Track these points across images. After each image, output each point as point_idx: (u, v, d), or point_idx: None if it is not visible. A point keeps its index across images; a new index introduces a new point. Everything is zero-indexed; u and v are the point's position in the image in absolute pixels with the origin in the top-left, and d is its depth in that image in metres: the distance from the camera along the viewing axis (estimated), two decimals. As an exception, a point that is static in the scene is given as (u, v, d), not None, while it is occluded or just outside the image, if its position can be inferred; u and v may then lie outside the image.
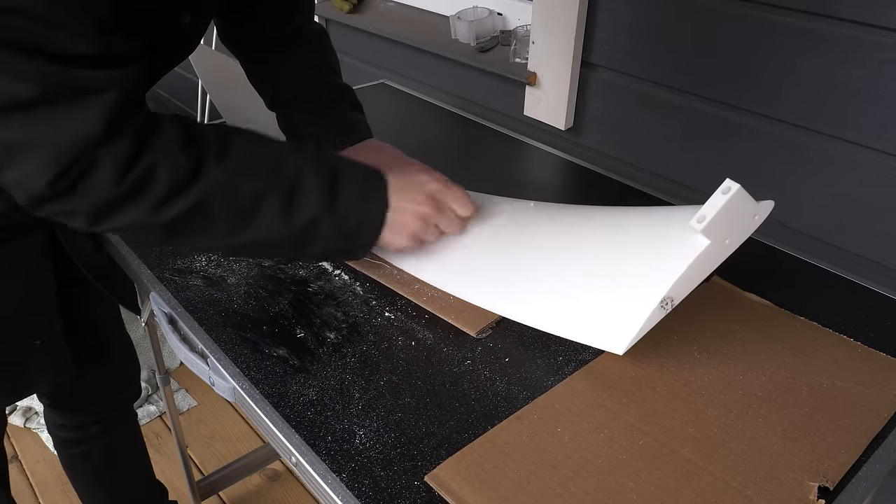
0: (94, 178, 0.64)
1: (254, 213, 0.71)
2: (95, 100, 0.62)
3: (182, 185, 0.67)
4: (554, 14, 1.26)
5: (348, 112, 1.03)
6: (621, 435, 0.65)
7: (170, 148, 0.67)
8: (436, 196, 0.80)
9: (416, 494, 0.60)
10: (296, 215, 0.72)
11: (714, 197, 0.67)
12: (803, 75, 1.01)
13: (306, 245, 0.75)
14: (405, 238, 0.79)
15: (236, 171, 0.70)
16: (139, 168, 0.65)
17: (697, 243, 0.68)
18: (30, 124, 0.61)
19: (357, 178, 0.76)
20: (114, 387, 1.24)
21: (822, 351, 0.75)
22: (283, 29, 1.02)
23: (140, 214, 0.67)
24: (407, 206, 0.78)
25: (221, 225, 0.71)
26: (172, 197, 0.67)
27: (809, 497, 0.59)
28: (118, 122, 0.64)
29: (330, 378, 0.72)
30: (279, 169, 0.72)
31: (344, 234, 0.76)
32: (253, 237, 0.72)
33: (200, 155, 0.68)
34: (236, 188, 0.70)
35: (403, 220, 0.78)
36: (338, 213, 0.74)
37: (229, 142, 0.71)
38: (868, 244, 1.02)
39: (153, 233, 0.71)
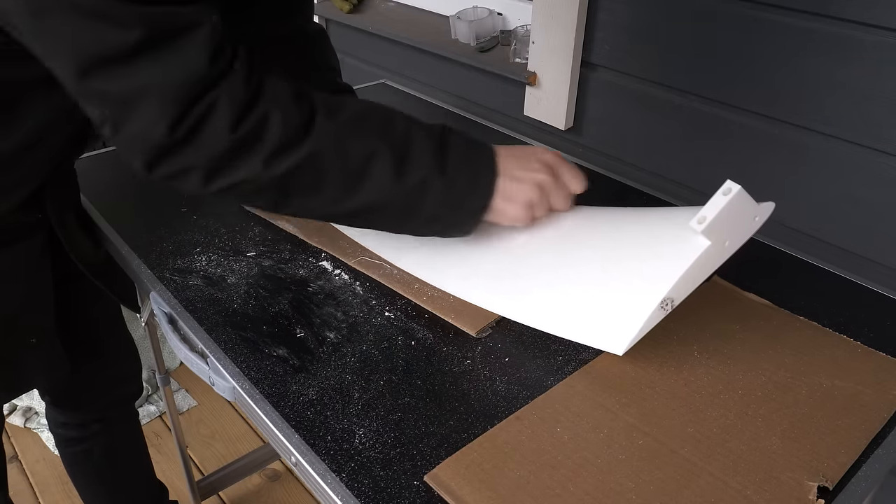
0: (213, 123, 0.64)
1: (365, 172, 0.70)
2: (194, 35, 0.63)
3: (294, 137, 0.67)
4: (554, 14, 1.26)
5: None
6: (621, 435, 0.65)
7: (283, 98, 0.67)
8: (552, 165, 0.77)
9: (415, 494, 0.60)
10: (407, 175, 0.70)
11: (715, 198, 0.67)
12: (803, 75, 1.01)
13: (416, 209, 0.73)
14: (520, 207, 0.76)
15: (347, 127, 0.69)
16: (254, 115, 0.65)
17: (698, 244, 0.68)
18: (139, 70, 0.61)
19: (466, 143, 0.75)
20: (113, 383, 1.24)
21: (822, 351, 0.75)
22: (283, 29, 1.02)
23: (253, 167, 0.67)
24: (522, 175, 0.75)
25: (333, 183, 0.70)
26: (285, 149, 0.67)
27: (809, 497, 0.59)
28: (222, 57, 0.64)
29: (330, 378, 0.72)
30: (389, 127, 0.71)
31: (455, 197, 0.74)
32: (364, 198, 0.71)
33: (312, 109, 0.68)
34: (347, 144, 0.69)
35: (519, 188, 0.75)
36: (448, 174, 0.72)
37: (339, 102, 0.71)
38: (868, 244, 1.02)
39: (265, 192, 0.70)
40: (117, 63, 0.61)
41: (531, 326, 0.77)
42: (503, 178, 0.75)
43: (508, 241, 0.84)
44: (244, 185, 0.68)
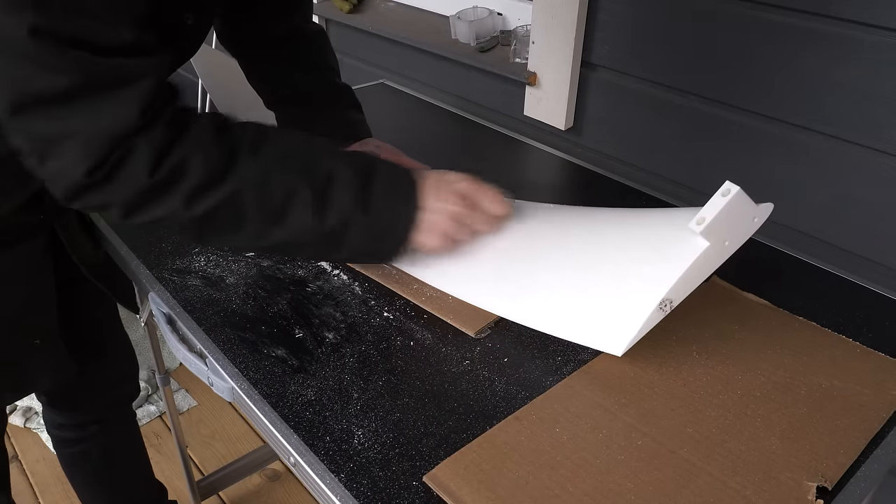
0: (131, 167, 0.64)
1: (285, 210, 0.70)
2: (131, 88, 0.63)
3: (215, 176, 0.67)
4: (554, 14, 1.26)
5: (347, 111, 1.04)
6: (620, 435, 0.65)
7: (204, 138, 0.67)
8: (468, 195, 0.78)
9: (414, 495, 0.60)
10: (328, 213, 0.71)
11: (714, 199, 0.67)
12: (803, 75, 1.01)
13: (337, 245, 0.74)
14: (437, 238, 0.77)
15: (269, 165, 0.69)
16: (173, 157, 0.65)
17: (697, 245, 0.68)
18: (68, 115, 0.62)
19: (389, 178, 0.75)
20: (111, 384, 1.24)
21: (821, 351, 0.75)
22: (282, 29, 1.02)
23: (173, 206, 0.67)
24: (439, 206, 0.76)
25: (253, 221, 0.70)
26: (205, 189, 0.67)
27: (808, 497, 0.59)
28: (153, 110, 0.64)
29: (328, 378, 0.72)
30: (313, 164, 0.71)
31: (375, 234, 0.75)
32: (284, 235, 0.72)
33: (234, 147, 0.68)
34: (269, 182, 0.69)
35: (436, 221, 0.76)
36: (370, 212, 0.73)
37: (263, 135, 0.71)
38: (867, 244, 1.02)
39: (186, 227, 0.70)
40: (48, 105, 0.61)
41: (530, 327, 0.77)
42: (421, 212, 0.76)
43: (507, 242, 0.84)
44: (165, 221, 0.69)
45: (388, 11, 1.77)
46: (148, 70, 0.64)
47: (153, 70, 0.65)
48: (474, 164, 1.20)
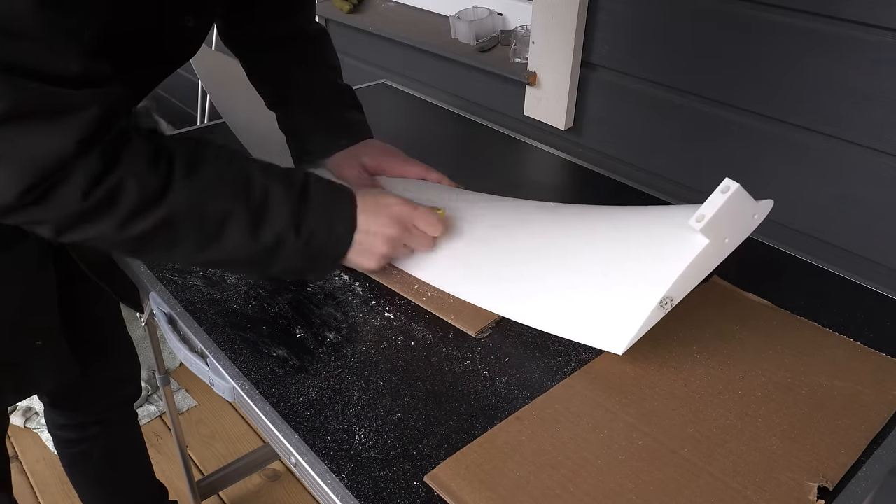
0: (62, 192, 0.64)
1: (220, 232, 0.71)
2: (72, 118, 0.62)
3: (149, 202, 0.67)
4: (554, 14, 1.26)
5: (348, 111, 1.03)
6: (621, 435, 0.65)
7: (138, 165, 0.67)
8: (402, 218, 0.80)
9: (415, 495, 0.60)
10: (262, 235, 0.72)
11: (713, 196, 0.66)
12: (803, 75, 1.01)
13: (270, 264, 0.75)
14: (372, 259, 0.80)
15: (204, 190, 0.70)
16: (106, 184, 0.65)
17: (697, 242, 0.68)
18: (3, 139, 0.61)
19: (325, 199, 0.76)
20: (113, 384, 1.24)
21: (822, 351, 0.75)
22: (284, 29, 1.02)
23: (105, 229, 0.67)
24: (373, 229, 0.78)
25: (188, 242, 0.71)
26: (139, 214, 0.67)
27: (809, 497, 0.59)
28: (91, 140, 0.64)
29: (329, 378, 0.72)
30: (247, 187, 0.72)
31: (309, 254, 0.76)
32: (218, 255, 0.73)
33: (169, 172, 0.68)
34: (203, 207, 0.70)
35: (371, 242, 0.78)
36: (304, 233, 0.74)
37: (199, 158, 0.71)
38: (868, 244, 1.02)
39: (120, 247, 0.72)
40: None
41: (531, 326, 0.77)
42: (358, 233, 0.77)
43: (508, 241, 0.84)
44: (97, 241, 0.69)
45: (388, 11, 1.77)
46: (93, 100, 0.63)
47: (98, 100, 0.64)
48: (474, 165, 1.20)
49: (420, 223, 0.82)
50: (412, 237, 0.82)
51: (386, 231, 0.78)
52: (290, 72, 1.02)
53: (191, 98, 2.62)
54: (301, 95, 1.01)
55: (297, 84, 1.01)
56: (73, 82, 0.62)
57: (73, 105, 0.63)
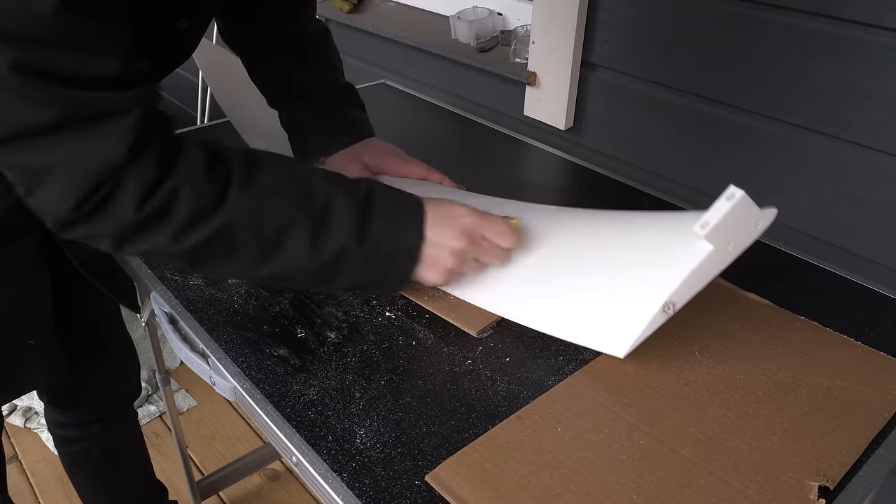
0: (117, 202, 0.63)
1: (280, 242, 0.69)
2: (117, 122, 0.62)
3: (205, 211, 0.65)
4: (554, 14, 1.26)
5: (350, 110, 1.03)
6: (622, 435, 0.65)
7: (194, 173, 0.65)
8: (471, 230, 0.75)
9: (416, 494, 0.60)
10: (324, 245, 0.69)
11: (718, 203, 0.67)
12: (803, 75, 1.01)
13: (334, 277, 0.72)
14: (440, 274, 0.75)
15: (262, 198, 0.68)
16: (161, 193, 0.64)
17: (700, 249, 0.68)
18: (52, 149, 0.60)
19: (391, 209, 0.73)
20: (111, 383, 1.24)
21: (823, 351, 0.76)
22: (286, 27, 1.02)
23: (162, 240, 0.66)
24: (441, 241, 0.74)
25: (247, 253, 0.69)
26: (194, 223, 0.66)
27: (810, 496, 0.59)
28: (141, 143, 0.63)
29: (331, 378, 0.72)
30: (308, 196, 0.70)
31: (374, 267, 0.72)
32: (279, 267, 0.70)
33: (226, 181, 0.67)
34: (262, 215, 0.68)
35: (438, 256, 0.74)
36: (368, 244, 0.71)
37: (257, 167, 0.69)
38: (868, 244, 1.02)
39: (178, 258, 0.69)
40: (32, 139, 0.60)
41: (531, 328, 0.77)
42: (425, 245, 0.74)
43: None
44: (156, 252, 0.68)
45: (388, 11, 1.77)
46: (135, 102, 0.63)
47: (141, 101, 0.63)
48: (474, 165, 1.20)
49: (490, 234, 0.77)
50: (482, 250, 0.77)
51: (454, 244, 0.74)
52: (291, 70, 1.02)
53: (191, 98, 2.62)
54: (302, 94, 1.01)
55: (299, 82, 1.01)
56: (112, 85, 0.61)
57: (116, 108, 0.62)
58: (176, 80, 2.74)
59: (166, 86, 0.96)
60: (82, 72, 0.60)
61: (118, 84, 0.62)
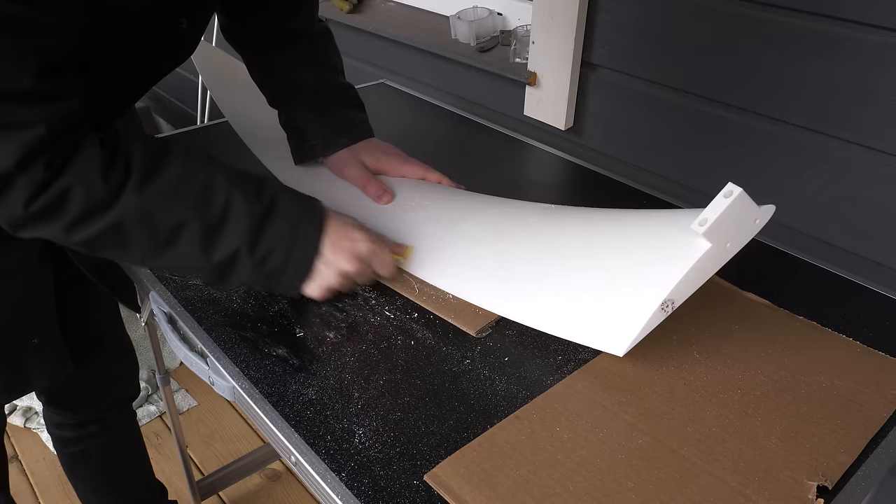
0: (8, 199, 0.66)
1: (172, 241, 0.71)
2: (16, 135, 0.63)
3: (95, 209, 0.68)
4: (554, 14, 1.26)
5: (349, 110, 1.04)
6: (620, 434, 0.65)
7: (87, 173, 0.67)
8: (364, 257, 0.79)
9: (415, 493, 0.60)
10: (215, 248, 0.72)
11: (716, 200, 0.67)
12: (803, 75, 1.01)
13: (225, 277, 0.75)
14: (320, 290, 0.78)
15: (157, 198, 0.70)
16: (49, 193, 0.66)
17: (699, 246, 0.69)
18: None
19: (292, 221, 0.75)
20: (110, 384, 1.24)
21: (821, 350, 0.75)
22: (287, 27, 1.02)
23: (55, 231, 0.69)
24: (333, 261, 0.77)
25: (139, 248, 0.72)
26: (86, 219, 0.68)
27: (808, 496, 0.59)
28: (34, 155, 0.64)
29: (329, 377, 0.72)
30: (207, 197, 0.72)
31: (264, 274, 0.75)
32: (170, 262, 0.74)
33: (123, 179, 0.68)
34: (155, 215, 0.70)
35: (326, 274, 0.77)
36: (259, 253, 0.73)
37: (159, 165, 0.71)
38: (867, 244, 1.02)
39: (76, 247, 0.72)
40: None
41: (532, 327, 0.77)
42: (318, 261, 0.76)
43: (509, 242, 0.84)
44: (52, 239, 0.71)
45: (388, 11, 1.77)
46: (41, 118, 0.64)
47: (47, 118, 0.64)
48: (474, 165, 1.20)
49: (377, 265, 0.81)
50: (361, 275, 0.80)
51: (344, 267, 0.77)
52: (291, 70, 1.02)
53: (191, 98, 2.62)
54: (302, 94, 1.01)
55: (299, 82, 1.01)
56: (20, 99, 0.63)
57: (18, 122, 0.63)
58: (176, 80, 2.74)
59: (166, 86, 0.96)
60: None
61: (28, 99, 0.63)
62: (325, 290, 0.78)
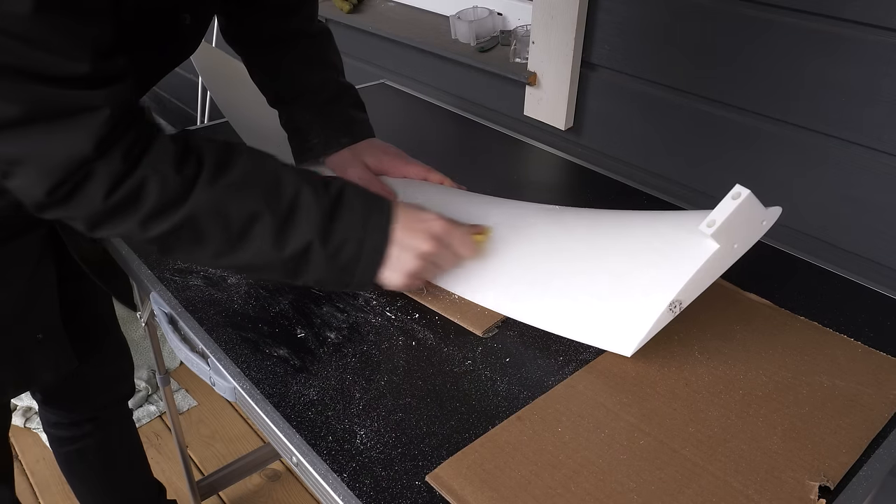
0: (86, 192, 0.66)
1: (245, 235, 0.70)
2: (86, 119, 0.63)
3: (172, 202, 0.68)
4: (554, 14, 1.26)
5: (350, 110, 1.03)
6: (622, 435, 0.65)
7: (162, 166, 0.67)
8: (440, 235, 0.76)
9: (417, 494, 0.60)
10: (288, 242, 0.71)
11: (724, 202, 0.67)
12: (803, 75, 1.01)
13: (299, 272, 0.73)
14: (402, 277, 0.75)
15: (230, 191, 0.70)
16: (128, 185, 0.66)
17: (707, 247, 0.69)
18: (22, 142, 0.63)
19: (361, 209, 0.74)
20: (106, 383, 1.24)
21: (823, 351, 0.76)
22: (286, 26, 1.02)
23: (130, 227, 0.69)
24: (409, 243, 0.74)
25: (213, 243, 0.71)
26: (162, 213, 0.68)
27: (810, 496, 0.59)
28: (110, 140, 0.65)
29: (331, 378, 0.72)
30: (277, 191, 0.71)
31: (338, 266, 0.73)
32: (244, 258, 0.72)
33: (195, 173, 0.69)
34: (228, 207, 0.69)
35: (404, 259, 0.74)
36: (332, 244, 0.72)
37: (229, 160, 0.71)
38: (868, 244, 1.02)
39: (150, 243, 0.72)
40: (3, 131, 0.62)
41: (539, 328, 0.77)
42: (392, 247, 0.74)
43: (516, 243, 0.84)
44: (128, 237, 0.71)
45: (388, 11, 1.77)
46: (104, 100, 0.64)
47: (113, 99, 0.65)
48: (474, 165, 1.20)
49: (456, 243, 0.78)
50: (443, 256, 0.78)
51: (421, 247, 0.75)
52: (291, 70, 1.02)
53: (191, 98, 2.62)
54: (302, 94, 1.01)
55: (299, 82, 1.01)
56: (82, 84, 0.63)
57: (84, 106, 0.63)
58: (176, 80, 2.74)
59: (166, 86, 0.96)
60: (54, 71, 0.61)
61: (90, 83, 0.63)
62: (407, 276, 0.75)
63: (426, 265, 0.76)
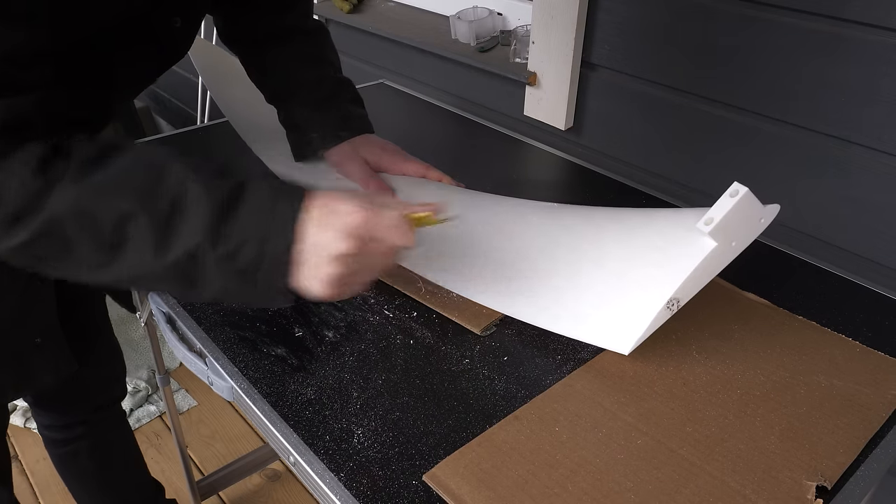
0: None
1: (119, 242, 0.60)
2: None
3: (28, 207, 0.60)
4: (554, 14, 1.26)
5: (348, 105, 1.04)
6: (619, 434, 0.65)
7: (20, 168, 0.60)
8: (360, 232, 0.60)
9: (414, 494, 0.60)
10: (171, 243, 0.59)
11: (722, 200, 0.67)
12: (803, 75, 1.01)
13: (194, 282, 0.61)
14: (322, 284, 0.61)
15: (97, 191, 0.60)
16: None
17: (705, 245, 0.69)
18: None
19: (265, 205, 0.61)
20: (98, 385, 1.24)
21: (821, 350, 0.75)
22: (281, 23, 1.02)
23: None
24: (319, 243, 0.60)
25: (84, 252, 0.61)
26: (17, 220, 0.60)
27: (808, 496, 0.59)
28: None
29: (328, 377, 0.72)
30: (156, 187, 0.60)
31: (237, 274, 0.60)
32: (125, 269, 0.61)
33: (56, 175, 0.60)
34: (94, 210, 0.60)
35: (316, 262, 0.60)
36: (225, 246, 0.59)
37: (103, 158, 0.62)
38: (867, 244, 1.02)
39: (16, 258, 0.63)
40: None
41: (533, 325, 0.77)
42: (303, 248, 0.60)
43: (514, 241, 0.84)
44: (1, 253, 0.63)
45: (388, 11, 1.77)
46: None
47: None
48: (474, 165, 1.20)
49: (381, 233, 0.62)
50: (369, 254, 0.62)
51: (336, 248, 0.60)
52: (288, 67, 1.02)
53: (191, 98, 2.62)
54: (300, 90, 1.01)
55: (296, 79, 1.01)
56: None
57: None
58: (176, 79, 2.74)
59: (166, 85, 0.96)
60: None
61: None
62: (327, 285, 0.61)
63: (349, 269, 0.61)
